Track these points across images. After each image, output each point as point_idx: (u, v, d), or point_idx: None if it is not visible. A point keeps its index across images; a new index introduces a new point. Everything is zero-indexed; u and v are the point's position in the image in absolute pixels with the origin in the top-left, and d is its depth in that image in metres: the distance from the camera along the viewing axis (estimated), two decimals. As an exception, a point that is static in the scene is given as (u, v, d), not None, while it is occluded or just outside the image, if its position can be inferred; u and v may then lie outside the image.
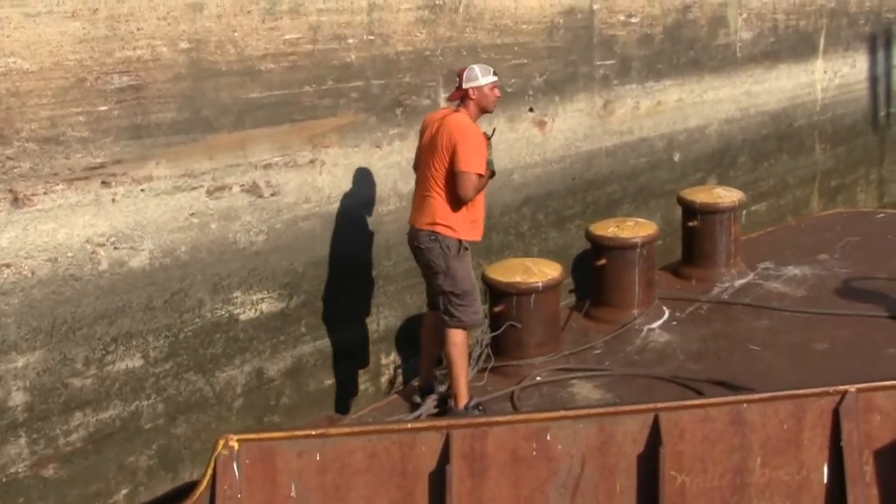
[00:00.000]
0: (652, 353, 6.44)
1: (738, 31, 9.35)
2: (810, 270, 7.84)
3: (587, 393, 5.90)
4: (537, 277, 6.17)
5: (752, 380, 5.71)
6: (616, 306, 6.88)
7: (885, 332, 6.53)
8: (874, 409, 4.75)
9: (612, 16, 7.90)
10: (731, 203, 7.59)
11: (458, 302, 5.46)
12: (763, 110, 9.88)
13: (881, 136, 12.18)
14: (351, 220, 6.33)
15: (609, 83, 7.95)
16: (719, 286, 7.48)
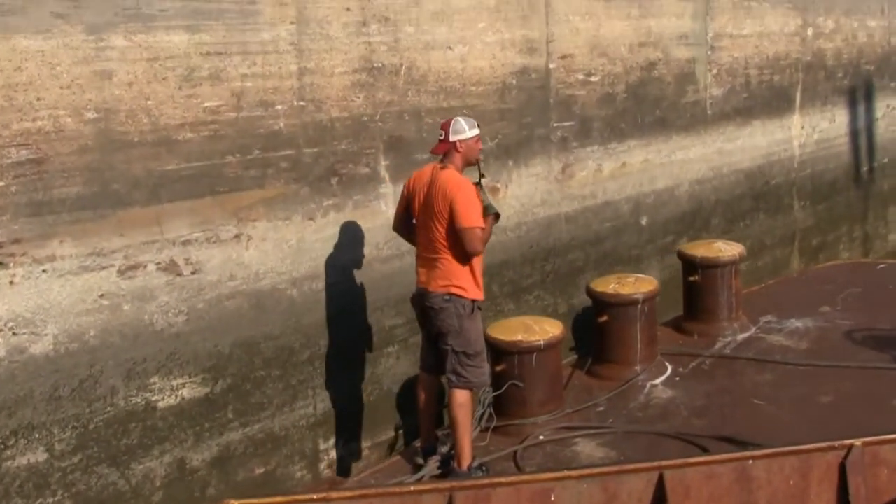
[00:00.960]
0: (655, 410, 6.45)
1: (707, 88, 9.05)
2: (812, 323, 7.88)
3: (591, 451, 5.89)
4: (538, 335, 6.19)
5: (757, 435, 5.67)
6: (618, 363, 6.93)
7: (890, 383, 6.53)
8: (881, 463, 4.76)
9: (570, 75, 7.58)
10: (732, 257, 7.64)
11: (469, 362, 5.47)
12: (737, 169, 9.55)
13: (864, 191, 11.87)
14: (282, 297, 5.95)
15: (568, 145, 7.61)
16: (721, 341, 7.53)
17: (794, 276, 9.88)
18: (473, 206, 5.32)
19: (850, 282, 9.03)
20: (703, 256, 7.62)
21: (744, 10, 9.47)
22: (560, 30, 7.47)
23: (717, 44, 9.13)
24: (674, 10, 8.57)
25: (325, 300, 6.16)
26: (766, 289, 9.07)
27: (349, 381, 6.40)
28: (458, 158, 5.46)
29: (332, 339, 6.25)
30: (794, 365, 7.02)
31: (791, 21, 10.21)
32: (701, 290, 7.64)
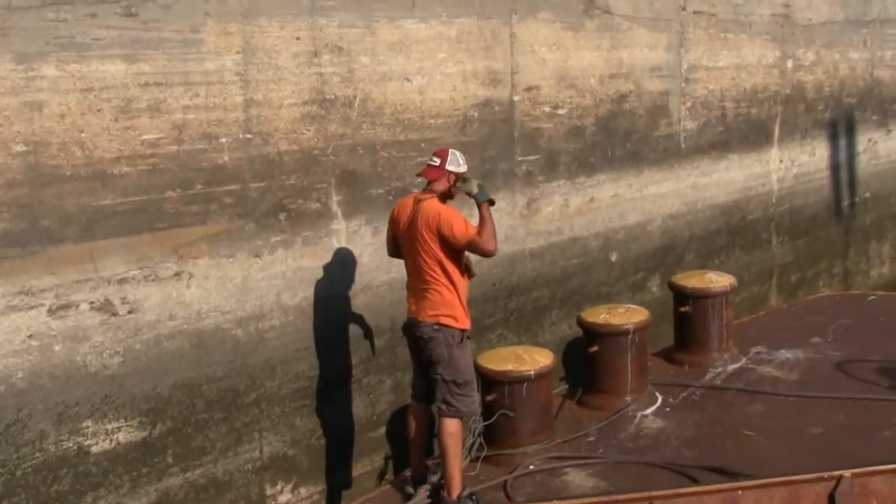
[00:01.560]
0: (646, 440, 6.48)
1: (681, 121, 8.90)
2: (803, 354, 7.96)
3: (581, 481, 5.91)
4: (529, 365, 6.26)
5: (747, 466, 5.75)
6: (609, 393, 6.97)
7: (880, 414, 6.58)
8: (870, 494, 4.89)
9: (535, 107, 7.43)
10: (723, 288, 7.73)
11: (458, 391, 5.50)
12: (712, 203, 9.39)
13: (845, 226, 11.70)
14: (226, 337, 5.75)
15: (533, 180, 7.44)
16: (712, 371, 7.59)
17: (785, 307, 9.91)
18: (460, 220, 5.39)
19: (840, 313, 9.13)
20: (695, 287, 7.69)
21: (720, 41, 9.34)
22: (525, 61, 7.32)
23: (692, 76, 8.99)
24: (646, 42, 8.43)
25: (273, 340, 5.96)
26: (757, 320, 9.17)
27: (299, 424, 6.19)
28: (440, 188, 5.54)
29: (280, 380, 6.05)
30: (785, 396, 7.07)
31: (769, 53, 10.09)
32: (692, 320, 7.70)
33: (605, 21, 7.99)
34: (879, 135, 12.35)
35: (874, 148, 12.24)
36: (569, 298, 7.86)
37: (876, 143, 12.27)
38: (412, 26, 6.51)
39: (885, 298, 10.09)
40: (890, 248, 12.74)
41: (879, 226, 12.47)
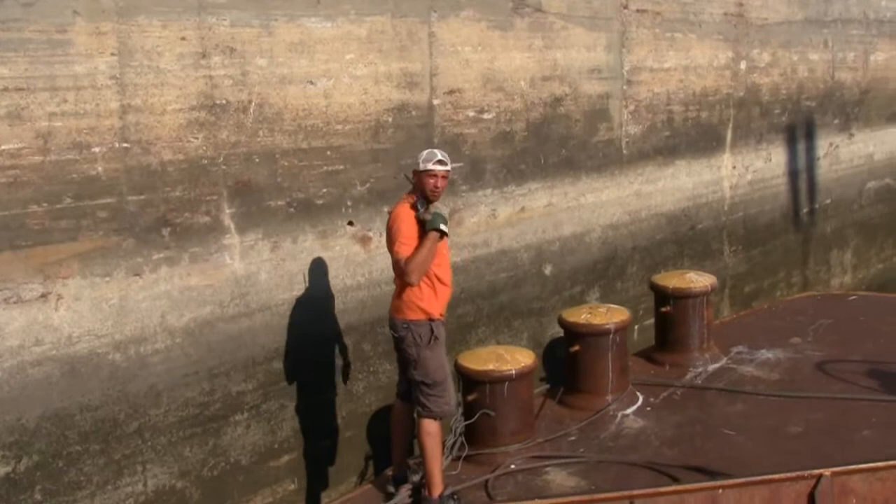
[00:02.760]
0: (626, 439, 6.56)
1: (623, 126, 8.56)
2: (783, 354, 8.12)
3: (562, 480, 5.98)
4: (510, 365, 6.31)
5: (728, 465, 5.85)
6: (590, 392, 7.05)
7: (860, 414, 6.69)
8: (850, 493, 5.01)
9: (458, 112, 7.07)
10: (704, 288, 7.83)
11: (430, 392, 5.52)
12: (658, 212, 9.06)
13: (804, 234, 11.42)
14: (102, 363, 5.37)
15: (456, 189, 7.09)
16: (693, 371, 7.71)
17: (766, 307, 10.03)
18: (400, 234, 5.36)
19: (820, 313, 9.31)
20: (676, 287, 7.79)
21: (666, 41, 9.01)
22: (446, 62, 6.96)
23: (635, 78, 8.66)
24: (584, 42, 8.09)
25: (157, 365, 5.59)
26: (738, 319, 9.36)
27: (189, 454, 5.81)
28: (416, 188, 5.53)
29: (166, 407, 5.67)
30: (765, 395, 7.19)
31: (721, 54, 9.77)
32: (672, 320, 7.82)
33: (536, 20, 7.65)
34: (841, 139, 12.07)
35: (835, 153, 11.96)
36: (497, 314, 7.51)
37: (837, 147, 11.99)
38: (316, 25, 6.15)
39: (865, 298, 10.31)
40: (852, 257, 12.47)
41: (841, 233, 12.20)
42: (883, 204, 13.17)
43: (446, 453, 6.08)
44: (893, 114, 13.32)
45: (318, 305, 6.28)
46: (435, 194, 5.47)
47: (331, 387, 6.40)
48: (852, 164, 12.38)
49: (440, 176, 5.47)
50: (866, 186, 12.76)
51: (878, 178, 13.03)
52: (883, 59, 12.97)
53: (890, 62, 13.14)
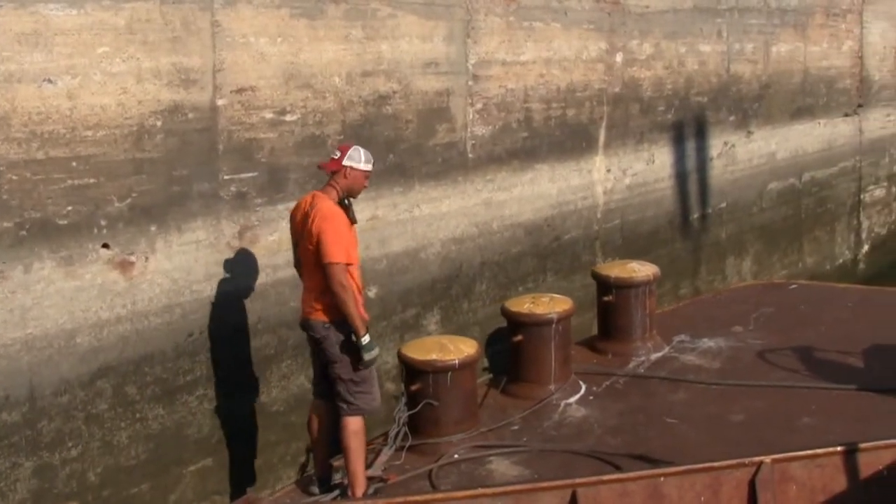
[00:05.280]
0: (569, 428, 6.78)
1: (469, 126, 7.82)
2: (725, 342, 8.46)
3: (505, 469, 6.16)
4: (454, 355, 6.47)
5: (670, 453, 6.05)
6: (533, 382, 7.28)
7: (801, 401, 7.00)
8: (790, 480, 5.23)
9: (251, 113, 6.27)
10: (646, 277, 8.13)
11: (356, 389, 5.67)
12: (514, 223, 8.34)
13: (694, 242, 10.79)
14: None
15: (248, 203, 6.29)
16: (635, 360, 8.00)
17: (708, 296, 10.40)
18: (341, 239, 5.52)
19: (762, 302, 9.71)
20: (618, 276, 8.10)
21: (523, 30, 8.28)
22: (235, 56, 6.16)
23: (483, 72, 7.92)
24: (417, 31, 7.33)
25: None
26: (680, 309, 9.70)
27: None
28: (342, 184, 5.69)
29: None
30: (707, 384, 7.46)
31: (592, 45, 9.07)
32: (615, 309, 8.11)
33: (355, 6, 6.87)
34: (738, 137, 11.47)
35: (731, 152, 11.35)
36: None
37: (734, 146, 11.39)
38: (55, 13, 5.30)
39: (806, 287, 10.74)
40: (752, 264, 11.89)
41: (738, 239, 11.61)
42: (787, 206, 12.61)
43: (390, 443, 6.28)
44: (798, 109, 12.77)
45: (61, 344, 5.44)
46: (360, 193, 5.87)
47: (78, 441, 5.56)
48: (751, 165, 11.79)
49: (369, 177, 5.88)
50: (768, 188, 12.18)
51: (781, 178, 12.46)
52: (786, 50, 12.40)
53: (794, 54, 12.58)
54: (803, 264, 13.04)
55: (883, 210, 15.70)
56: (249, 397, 6.41)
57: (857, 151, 14.57)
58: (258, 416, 6.47)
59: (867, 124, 14.81)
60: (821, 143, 13.43)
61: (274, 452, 6.63)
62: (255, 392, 6.45)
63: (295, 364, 6.68)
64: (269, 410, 6.56)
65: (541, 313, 7.22)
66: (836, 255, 14.16)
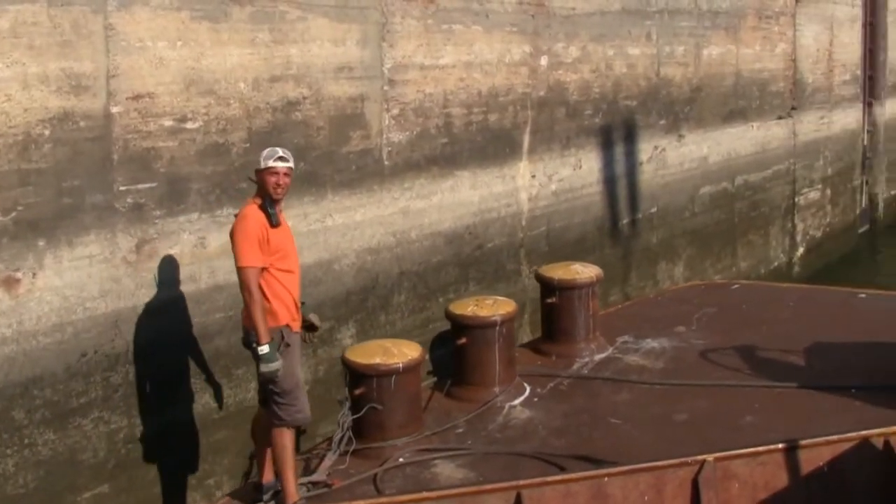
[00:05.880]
0: (514, 431, 6.88)
1: (384, 133, 7.67)
2: (668, 343, 8.61)
3: (450, 473, 6.23)
4: (397, 358, 6.56)
5: (614, 453, 6.16)
6: (477, 385, 7.37)
7: (743, 400, 7.16)
8: (732, 477, 5.41)
9: (148, 121, 6.07)
10: (589, 279, 8.29)
11: (280, 400, 5.67)
12: (434, 231, 8.21)
13: (624, 248, 10.76)
14: None
15: (146, 215, 6.09)
16: (579, 361, 8.11)
17: (651, 297, 10.57)
18: (246, 242, 5.51)
19: (704, 302, 9.90)
20: (561, 278, 8.24)
21: (442, 34, 8.15)
22: (131, 61, 5.96)
23: (400, 77, 7.78)
24: (328, 35, 7.17)
25: None
26: (623, 310, 9.85)
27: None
28: (260, 187, 5.68)
29: None
30: (650, 384, 7.60)
31: (515, 48, 8.97)
32: (559, 311, 8.24)
33: (261, 9, 6.69)
34: (669, 141, 11.46)
35: (662, 156, 11.33)
36: (212, 362, 6.55)
37: (664, 150, 11.37)
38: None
39: (747, 287, 10.99)
40: (684, 269, 11.89)
41: (670, 244, 11.60)
42: (719, 210, 12.64)
43: (334, 448, 6.29)
44: (731, 112, 12.81)
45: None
46: (278, 192, 5.63)
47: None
48: (682, 169, 11.79)
49: (282, 173, 5.62)
50: (700, 192, 12.19)
51: (714, 182, 12.49)
52: (718, 53, 12.43)
53: (725, 57, 12.62)
54: (737, 268, 13.08)
55: (818, 213, 15.84)
56: (151, 419, 6.19)
57: (790, 154, 14.67)
58: (161, 438, 6.25)
59: (801, 127, 14.92)
60: (754, 147, 13.49)
61: (180, 475, 6.42)
62: (158, 413, 6.24)
63: (200, 382, 6.48)
64: (174, 431, 6.35)
65: (485, 316, 7.32)
66: (770, 259, 14.25)
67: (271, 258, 5.61)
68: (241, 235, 5.53)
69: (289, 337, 5.68)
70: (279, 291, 5.65)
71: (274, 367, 5.53)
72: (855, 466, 5.73)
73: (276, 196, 5.64)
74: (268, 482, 6.05)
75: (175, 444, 6.35)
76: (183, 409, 6.41)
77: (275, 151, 5.67)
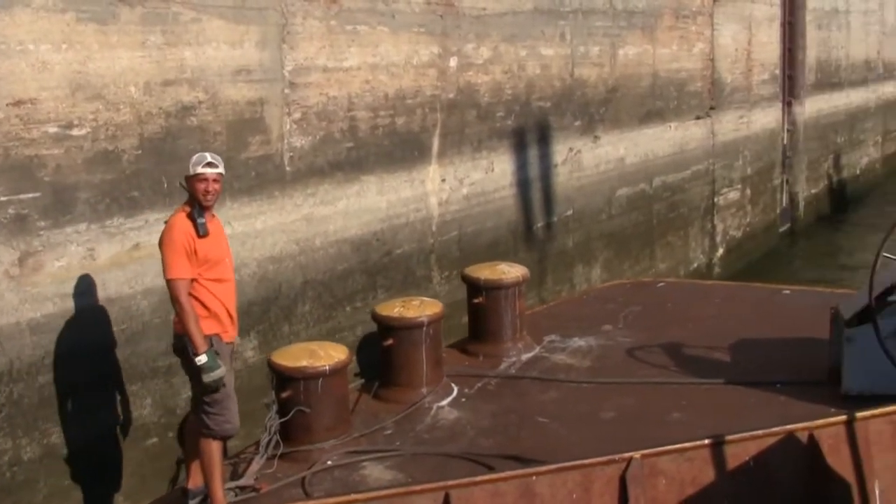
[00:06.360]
0: (442, 431, 7.01)
1: (286, 138, 7.59)
2: (595, 341, 8.85)
3: (379, 474, 6.31)
4: (324, 361, 6.65)
5: (542, 452, 6.27)
6: (405, 386, 7.53)
7: (669, 397, 7.34)
8: (659, 474, 5.59)
9: (31, 128, 5.92)
10: (516, 279, 8.54)
11: (208, 409, 5.71)
12: (340, 238, 8.14)
13: (539, 252, 10.80)
14: None
15: (29, 226, 5.94)
16: (507, 361, 8.34)
17: (577, 296, 10.85)
18: (172, 254, 5.56)
19: (631, 300, 10.17)
20: (488, 279, 8.47)
21: (346, 35, 8.09)
22: (11, 64, 5.81)
23: (302, 79, 7.70)
24: (225, 36, 7.08)
25: None
26: (550, 309, 10.08)
27: None
28: (191, 196, 5.74)
29: None
30: (578, 383, 7.78)
31: (423, 49, 8.95)
32: (485, 311, 8.47)
33: (153, 10, 6.57)
34: (584, 143, 11.54)
35: (577, 158, 11.41)
36: (112, 376, 6.41)
37: (579, 152, 11.45)
38: None
39: (673, 285, 11.40)
40: (602, 271, 11.99)
41: (586, 247, 11.69)
42: (637, 212, 12.78)
43: (261, 452, 6.35)
44: (647, 113, 12.95)
45: None
46: (208, 199, 5.69)
47: None
48: (598, 171, 11.88)
49: (211, 179, 5.68)
50: (616, 194, 12.30)
51: (631, 183, 12.61)
52: (634, 53, 12.56)
53: (642, 57, 12.76)
54: (656, 270, 13.23)
55: (737, 212, 16.11)
56: (35, 440, 6.03)
57: (709, 154, 14.89)
58: (46, 461, 6.10)
59: (720, 126, 15.16)
60: (672, 147, 13.66)
61: (72, 497, 6.27)
62: (44, 433, 6.08)
63: (93, 401, 6.34)
64: (61, 453, 6.20)
65: (411, 317, 7.48)
66: (690, 260, 14.45)
67: (200, 268, 5.67)
68: (167, 247, 5.58)
69: (218, 346, 5.71)
70: (209, 301, 5.71)
71: (217, 375, 5.59)
72: (780, 460, 5.99)
73: (207, 203, 5.69)
74: (195, 487, 6.08)
75: (63, 464, 6.20)
76: (73, 428, 6.25)
77: (203, 157, 5.72)
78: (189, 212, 5.67)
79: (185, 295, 5.56)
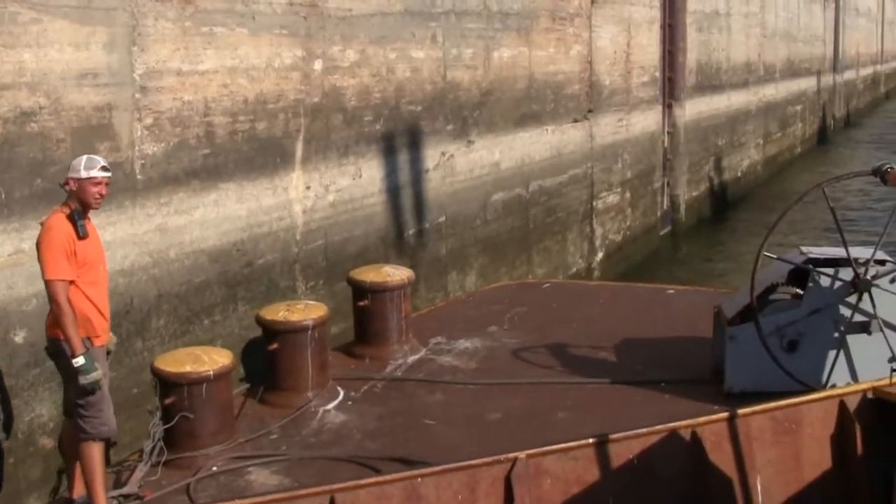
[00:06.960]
0: (329, 435, 7.14)
1: (136, 145, 7.43)
2: (481, 343, 9.07)
3: (265, 479, 6.40)
4: (208, 366, 6.76)
5: (429, 454, 6.42)
6: (290, 390, 7.65)
7: (555, 397, 7.57)
8: (544, 473, 5.78)
9: None
10: (401, 281, 8.76)
11: (85, 413, 5.79)
12: (196, 249, 8.00)
13: (411, 259, 10.80)
14: None
15: None
16: (393, 363, 8.53)
17: (462, 297, 11.08)
18: (52, 254, 5.63)
19: (516, 302, 10.44)
20: (373, 281, 8.68)
21: (202, 37, 7.96)
22: None
23: (154, 83, 7.55)
24: (69, 38, 6.89)
25: None
26: (436, 311, 10.31)
27: None
28: (73, 197, 5.85)
29: None
30: (464, 384, 7.99)
31: (286, 51, 8.86)
32: (371, 314, 8.66)
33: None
34: (457, 147, 11.60)
35: (450, 163, 11.45)
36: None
37: (453, 157, 11.50)
38: None
39: (558, 286, 11.82)
40: (477, 278, 12.06)
41: (461, 253, 11.75)
42: (513, 217, 12.89)
43: (145, 459, 6.41)
44: (524, 116, 13.08)
45: None
46: (98, 202, 5.89)
47: None
48: (473, 175, 11.95)
49: (104, 184, 5.89)
50: (492, 199, 12.39)
51: (507, 188, 12.72)
52: (509, 55, 12.66)
53: (517, 59, 12.87)
54: (533, 276, 13.36)
55: (617, 216, 16.39)
56: None
57: (588, 158, 15.13)
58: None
59: (598, 129, 15.41)
60: (549, 151, 13.83)
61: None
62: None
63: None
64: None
65: (296, 320, 7.64)
66: (568, 265, 14.64)
67: (79, 270, 5.79)
68: (46, 248, 5.67)
69: (91, 349, 5.80)
70: (83, 304, 5.81)
71: (94, 377, 5.71)
72: (664, 458, 6.19)
73: (96, 207, 5.94)
74: (78, 497, 6.12)
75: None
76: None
77: (95, 160, 5.90)
78: (69, 213, 5.77)
79: (64, 296, 5.66)
